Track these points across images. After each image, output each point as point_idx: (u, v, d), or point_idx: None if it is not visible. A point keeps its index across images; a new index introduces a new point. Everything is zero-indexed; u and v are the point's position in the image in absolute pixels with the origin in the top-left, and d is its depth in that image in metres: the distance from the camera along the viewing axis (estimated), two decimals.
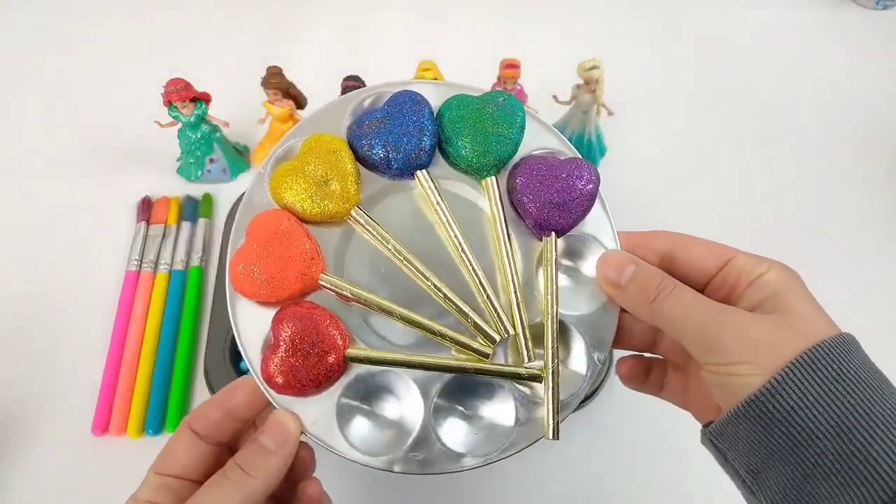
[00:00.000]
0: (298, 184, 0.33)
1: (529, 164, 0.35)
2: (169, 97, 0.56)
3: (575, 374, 0.34)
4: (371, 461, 0.32)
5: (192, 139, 0.59)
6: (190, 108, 0.57)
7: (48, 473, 0.49)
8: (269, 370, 0.31)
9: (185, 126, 0.59)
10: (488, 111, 0.35)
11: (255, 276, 0.32)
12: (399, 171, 0.35)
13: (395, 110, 0.35)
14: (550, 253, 0.34)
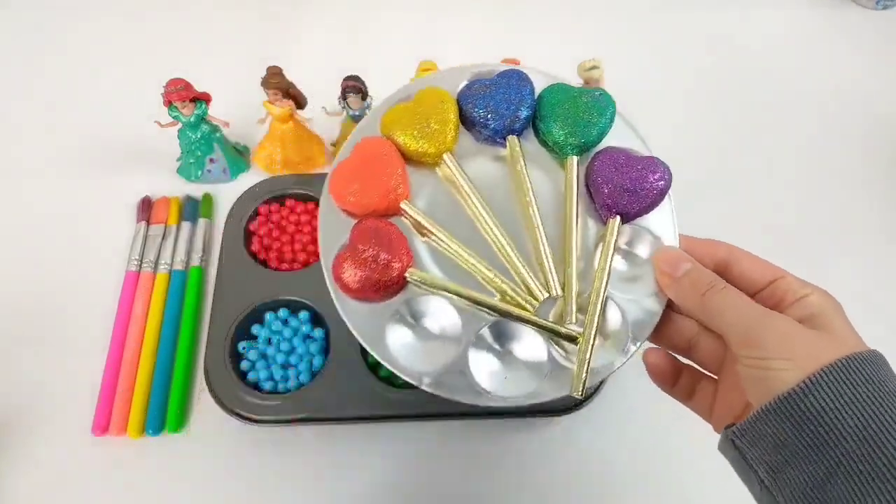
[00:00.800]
0: (405, 121, 0.38)
1: (610, 152, 0.38)
2: (169, 97, 0.56)
3: (610, 348, 0.36)
4: (406, 372, 0.35)
5: (192, 139, 0.59)
6: (190, 108, 0.57)
7: (48, 473, 0.49)
8: (340, 270, 0.35)
9: (185, 126, 0.59)
10: (583, 100, 0.39)
11: (349, 184, 0.37)
12: (493, 133, 0.39)
13: (502, 81, 0.39)
14: (612, 233, 0.37)
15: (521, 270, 0.36)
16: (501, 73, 0.40)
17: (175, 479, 0.50)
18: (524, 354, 0.36)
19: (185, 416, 0.51)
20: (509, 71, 0.40)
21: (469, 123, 0.39)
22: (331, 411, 0.50)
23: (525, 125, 0.39)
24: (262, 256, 0.57)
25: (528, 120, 0.39)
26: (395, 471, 0.50)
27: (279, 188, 0.60)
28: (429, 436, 0.51)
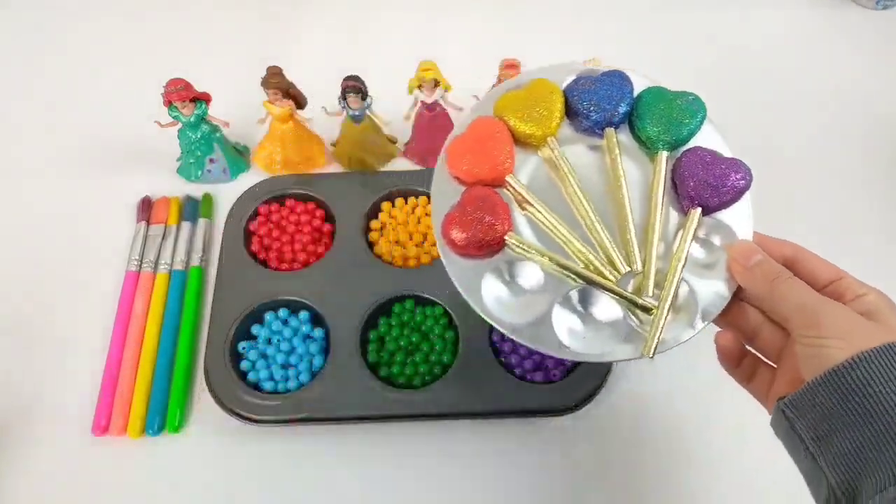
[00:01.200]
0: (516, 106, 0.43)
1: (697, 150, 0.42)
2: (169, 97, 0.56)
3: (680, 322, 0.40)
4: (495, 320, 0.39)
5: (192, 139, 0.59)
6: (190, 108, 0.57)
7: (49, 473, 0.49)
8: (449, 227, 0.40)
9: (185, 126, 0.59)
10: (677, 103, 0.43)
11: (463, 156, 0.42)
12: (593, 123, 0.43)
13: (606, 79, 0.44)
14: (692, 222, 0.41)
15: (607, 246, 0.40)
16: (606, 72, 0.45)
17: (175, 479, 0.50)
18: (603, 318, 0.40)
19: (186, 416, 0.51)
20: (613, 71, 0.45)
21: (572, 113, 0.44)
22: (331, 411, 0.50)
23: (622, 120, 0.44)
24: (262, 256, 0.57)
25: (626, 115, 0.44)
26: (395, 471, 0.50)
27: (279, 188, 0.60)
28: (428, 436, 0.51)
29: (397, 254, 0.57)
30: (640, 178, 0.43)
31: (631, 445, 0.51)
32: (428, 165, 0.63)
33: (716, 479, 0.50)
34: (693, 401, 0.53)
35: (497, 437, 0.51)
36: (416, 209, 0.60)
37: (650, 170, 0.43)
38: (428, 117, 0.60)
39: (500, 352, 0.52)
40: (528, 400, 0.50)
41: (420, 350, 0.52)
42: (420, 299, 0.54)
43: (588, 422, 0.51)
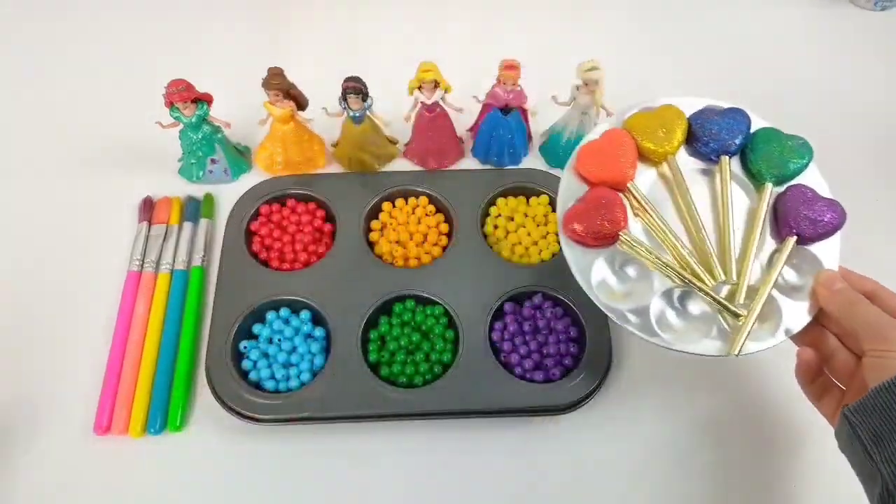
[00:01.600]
0: (644, 125, 0.50)
1: (800, 187, 0.48)
2: (170, 98, 0.56)
3: (764, 331, 0.45)
4: (600, 302, 0.46)
5: (194, 140, 0.60)
6: (191, 109, 0.57)
7: (50, 473, 0.49)
8: (572, 218, 0.47)
9: (187, 127, 0.59)
10: (789, 144, 0.49)
11: (593, 159, 0.49)
12: (710, 150, 0.50)
13: (728, 114, 0.51)
14: (787, 247, 0.47)
15: (707, 255, 0.46)
16: (729, 108, 0.51)
17: (177, 478, 0.50)
18: (695, 317, 0.46)
19: (187, 415, 0.52)
20: (735, 108, 0.51)
21: (693, 139, 0.50)
22: (332, 410, 0.50)
23: (736, 151, 0.50)
24: (264, 256, 0.58)
25: (740, 147, 0.50)
26: (395, 470, 0.50)
27: (280, 188, 0.61)
28: (429, 435, 0.51)
29: (398, 254, 0.58)
30: (743, 204, 0.49)
31: (630, 444, 0.51)
32: (428, 166, 0.64)
33: (716, 477, 0.50)
34: (693, 400, 0.53)
35: (497, 436, 0.51)
36: (417, 209, 0.60)
37: (754, 197, 0.49)
38: (428, 118, 0.60)
39: (499, 351, 0.53)
40: (527, 399, 0.50)
41: (420, 349, 0.52)
42: (420, 299, 0.55)
43: (588, 420, 0.52)
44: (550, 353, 0.52)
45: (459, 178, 0.62)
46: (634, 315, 0.45)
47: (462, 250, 0.57)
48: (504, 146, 0.62)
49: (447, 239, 0.59)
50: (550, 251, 0.58)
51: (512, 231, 0.59)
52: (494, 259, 0.57)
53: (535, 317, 0.54)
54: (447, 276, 0.56)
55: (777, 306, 0.46)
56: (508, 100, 0.59)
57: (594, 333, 0.52)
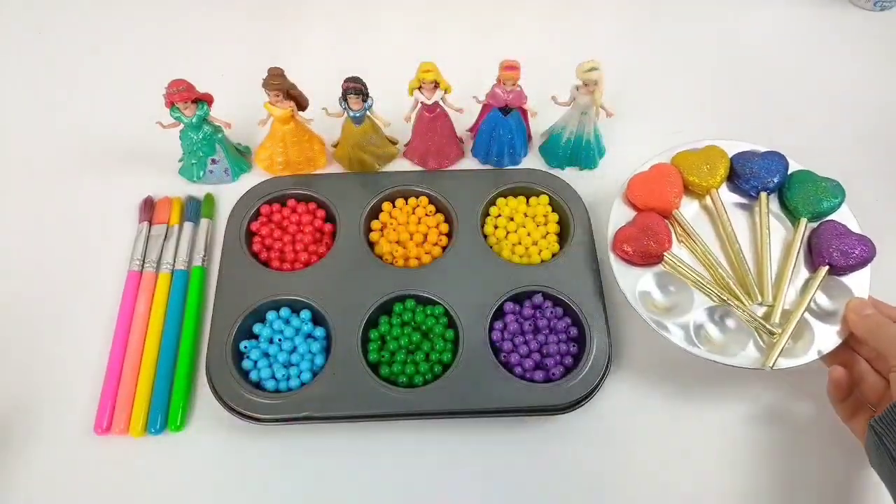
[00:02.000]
0: (690, 161, 0.57)
1: (833, 223, 0.54)
2: (171, 98, 0.56)
3: (797, 349, 0.50)
4: (643, 313, 0.51)
5: (194, 140, 0.60)
6: (192, 109, 0.57)
7: (51, 472, 0.49)
8: (620, 238, 0.53)
9: (187, 127, 0.59)
10: (823, 185, 0.55)
11: (643, 189, 0.55)
12: (750, 187, 0.56)
13: (768, 155, 0.57)
14: (820, 275, 0.52)
15: (746, 278, 0.52)
16: (768, 150, 0.58)
17: (177, 478, 0.50)
18: (733, 332, 0.51)
19: (187, 415, 0.52)
20: (773, 151, 0.57)
21: (735, 176, 0.57)
22: (332, 410, 0.50)
23: (774, 189, 0.56)
24: (264, 256, 0.58)
25: (778, 186, 0.56)
26: (396, 469, 0.50)
27: (280, 189, 0.61)
28: (429, 435, 0.51)
29: (398, 254, 0.58)
30: (780, 236, 0.55)
31: (631, 443, 0.52)
32: (428, 166, 0.64)
33: (716, 477, 0.50)
34: (693, 400, 0.53)
35: (497, 436, 0.51)
36: (417, 209, 0.60)
37: (790, 231, 0.55)
38: (428, 118, 0.60)
39: (500, 351, 0.53)
40: (528, 398, 0.50)
41: (421, 349, 0.53)
42: (421, 299, 0.55)
43: (588, 420, 0.52)
44: (550, 352, 0.52)
45: (459, 178, 0.62)
46: (676, 327, 0.50)
47: (462, 250, 0.57)
48: (504, 146, 0.62)
49: (447, 239, 0.59)
50: (550, 251, 0.58)
51: (512, 231, 0.59)
52: (494, 259, 0.57)
53: (536, 316, 0.54)
54: (447, 276, 0.56)
55: (810, 328, 0.50)
56: (508, 100, 0.59)
57: (594, 333, 0.52)
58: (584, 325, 0.53)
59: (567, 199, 0.60)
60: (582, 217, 0.59)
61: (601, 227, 0.60)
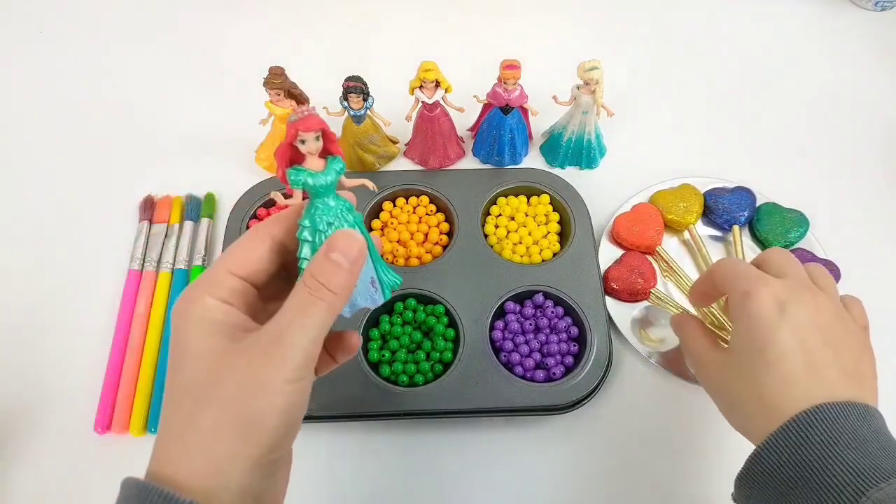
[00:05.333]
0: (667, 199, 0.61)
1: (800, 251, 0.59)
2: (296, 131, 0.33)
3: None
4: (643, 349, 0.54)
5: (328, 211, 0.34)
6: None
7: (51, 471, 0.49)
8: (609, 278, 0.57)
9: (319, 187, 0.33)
10: (788, 216, 0.60)
11: (628, 228, 0.59)
12: (723, 221, 0.60)
13: (737, 191, 0.61)
14: None
15: None
16: (736, 187, 0.62)
17: None
18: None
19: None
20: (741, 187, 0.62)
21: (708, 211, 0.61)
22: (332, 409, 0.50)
23: (745, 222, 0.60)
24: None
25: (749, 219, 0.60)
26: (395, 469, 0.50)
27: (281, 188, 0.60)
28: (430, 434, 0.51)
29: (399, 253, 0.58)
30: None
31: (632, 442, 0.51)
32: (428, 166, 0.64)
33: (715, 476, 0.50)
34: (693, 400, 0.53)
35: (498, 435, 0.51)
36: (418, 209, 0.60)
37: None
38: (429, 118, 0.60)
39: (500, 350, 0.53)
40: (528, 398, 0.50)
41: (422, 348, 0.52)
42: (422, 298, 0.55)
43: (589, 419, 0.52)
44: (551, 352, 0.52)
45: (460, 177, 0.62)
46: (666, 356, 0.54)
47: (463, 250, 0.57)
48: (505, 146, 0.62)
49: (448, 238, 0.59)
50: (551, 251, 0.58)
51: (513, 231, 0.59)
52: (495, 258, 0.57)
53: (536, 316, 0.54)
54: (448, 276, 0.56)
55: None
56: (509, 99, 0.59)
57: (595, 333, 0.52)
58: (585, 324, 0.53)
59: (568, 199, 0.60)
60: (583, 217, 0.59)
61: (602, 227, 0.60)
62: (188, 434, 0.29)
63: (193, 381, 0.29)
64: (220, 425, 0.28)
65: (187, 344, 0.30)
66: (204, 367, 0.29)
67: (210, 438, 0.28)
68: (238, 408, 0.28)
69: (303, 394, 0.30)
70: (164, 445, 0.30)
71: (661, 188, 0.62)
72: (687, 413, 0.53)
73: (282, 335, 0.29)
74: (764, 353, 0.38)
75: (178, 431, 0.29)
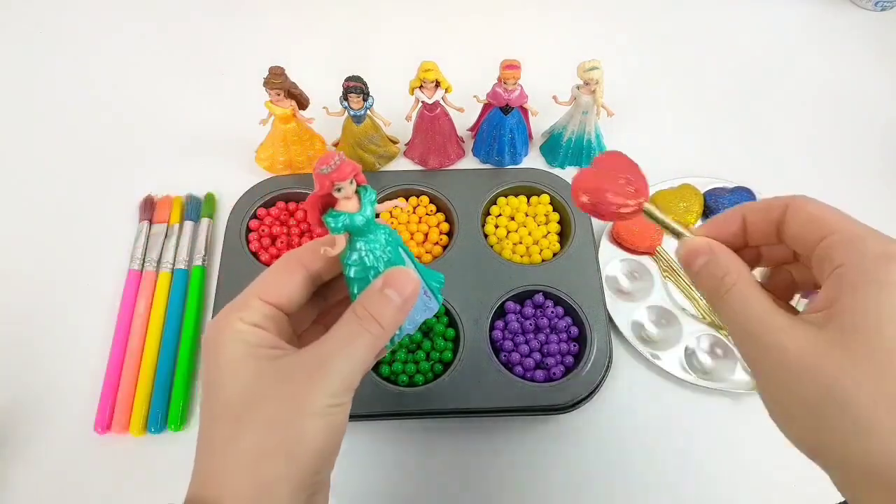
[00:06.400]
0: (667, 199, 0.61)
1: None
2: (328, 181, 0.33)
3: None
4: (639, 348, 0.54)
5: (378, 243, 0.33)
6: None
7: (51, 471, 0.49)
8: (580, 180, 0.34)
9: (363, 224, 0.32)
10: None
11: (629, 228, 0.58)
12: None
13: (736, 191, 0.61)
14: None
15: None
16: (737, 187, 0.61)
17: (177, 477, 0.49)
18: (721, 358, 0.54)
19: (188, 414, 0.52)
20: (741, 186, 0.61)
21: (708, 210, 0.61)
22: None
23: None
24: (264, 256, 0.58)
25: None
26: (395, 469, 0.50)
27: (281, 188, 0.61)
28: (429, 434, 0.51)
29: None
30: None
31: (631, 442, 0.51)
32: (428, 166, 0.64)
33: (715, 475, 0.50)
34: (693, 399, 0.53)
35: (498, 435, 0.51)
36: (417, 209, 0.60)
37: None
38: (429, 118, 0.60)
39: (500, 350, 0.53)
40: (529, 398, 0.50)
41: (422, 348, 0.52)
42: None
43: (589, 419, 0.52)
44: (551, 352, 0.52)
45: (460, 177, 0.62)
46: (668, 357, 0.53)
47: (463, 249, 0.57)
48: (505, 146, 0.62)
49: (448, 238, 0.59)
50: (551, 251, 0.58)
51: (513, 231, 0.59)
52: (495, 258, 0.57)
53: (536, 316, 0.54)
54: (448, 275, 0.55)
55: None
56: (509, 99, 0.59)
57: (595, 333, 0.52)
58: (585, 324, 0.53)
59: (568, 199, 0.60)
60: (583, 217, 0.59)
61: (602, 227, 0.60)
62: (230, 454, 0.28)
63: (233, 400, 0.29)
64: (264, 447, 0.28)
65: (225, 364, 0.30)
66: (243, 386, 0.29)
67: (253, 460, 0.28)
68: (281, 429, 0.28)
69: (343, 417, 0.30)
70: (205, 465, 0.30)
71: (661, 188, 0.62)
72: (687, 413, 0.53)
73: (326, 360, 0.29)
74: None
75: (220, 452, 0.29)
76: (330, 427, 0.29)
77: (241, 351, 0.30)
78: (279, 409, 0.28)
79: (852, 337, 0.24)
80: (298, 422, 0.28)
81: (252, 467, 0.28)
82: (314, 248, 0.33)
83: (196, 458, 0.30)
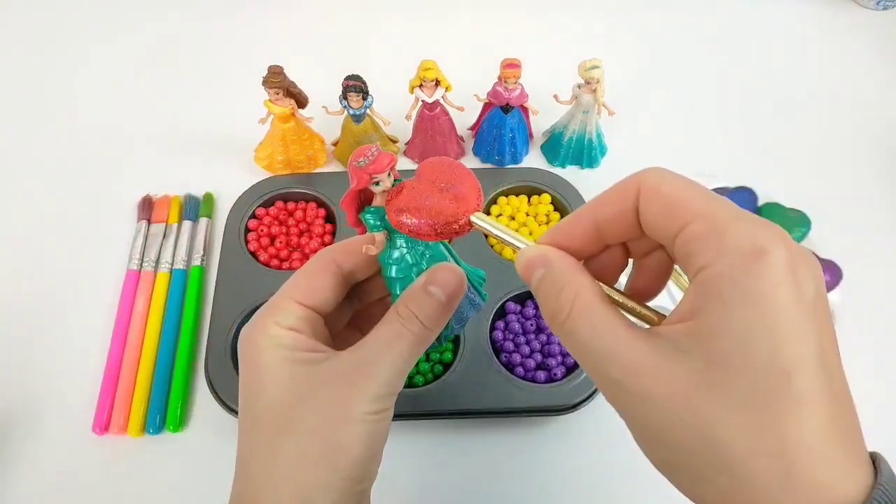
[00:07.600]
0: None
1: None
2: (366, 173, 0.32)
3: None
4: None
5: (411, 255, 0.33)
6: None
7: (49, 472, 0.49)
8: (397, 198, 0.29)
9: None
10: (790, 216, 0.58)
11: None
12: None
13: (739, 192, 0.60)
14: None
15: None
16: (738, 186, 0.60)
17: (176, 478, 0.49)
18: None
19: (186, 415, 0.51)
20: (743, 187, 0.60)
21: None
22: None
23: None
24: (263, 256, 0.57)
25: None
26: (395, 470, 0.50)
27: (280, 187, 0.60)
28: (430, 435, 0.51)
29: None
30: None
31: (633, 443, 0.51)
32: None
33: None
34: None
35: (499, 437, 0.51)
36: None
37: None
38: (429, 117, 0.60)
39: (501, 351, 0.52)
40: (530, 399, 0.50)
41: None
42: None
43: (590, 420, 0.51)
44: (553, 352, 0.52)
45: None
46: None
47: (463, 249, 0.57)
48: (505, 145, 0.62)
49: None
50: None
51: (514, 230, 0.59)
52: (496, 258, 0.57)
53: (537, 316, 0.54)
54: None
55: None
56: (509, 98, 0.59)
57: None
58: None
59: (569, 199, 0.59)
60: None
61: None
62: (272, 460, 0.28)
63: (273, 405, 0.28)
64: (306, 453, 0.28)
65: (263, 369, 0.29)
66: (284, 391, 0.28)
67: (296, 466, 0.28)
68: (322, 436, 0.28)
69: (385, 423, 0.29)
70: (246, 472, 0.29)
71: None
72: None
73: (367, 364, 0.28)
74: (792, 376, 0.20)
75: (262, 458, 0.28)
76: (372, 434, 0.28)
77: (278, 355, 0.29)
78: (320, 416, 0.28)
79: (721, 371, 0.21)
80: (340, 429, 0.28)
81: (294, 474, 0.27)
82: (349, 247, 0.32)
83: (237, 464, 0.29)
